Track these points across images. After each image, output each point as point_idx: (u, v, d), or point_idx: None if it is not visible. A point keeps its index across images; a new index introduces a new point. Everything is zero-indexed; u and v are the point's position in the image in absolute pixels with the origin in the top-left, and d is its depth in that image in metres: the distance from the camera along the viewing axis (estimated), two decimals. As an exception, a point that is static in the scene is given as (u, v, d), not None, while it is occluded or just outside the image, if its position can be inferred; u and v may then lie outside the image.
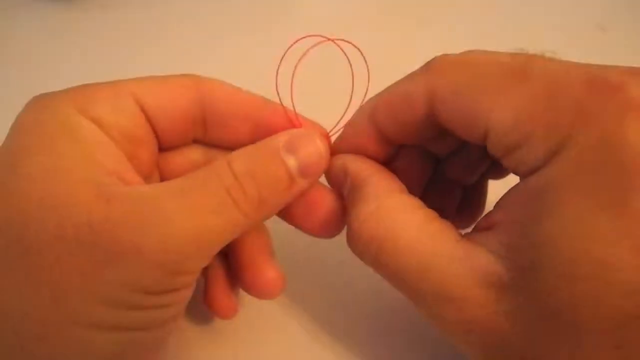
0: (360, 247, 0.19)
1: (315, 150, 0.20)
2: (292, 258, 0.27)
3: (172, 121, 0.21)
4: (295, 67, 0.20)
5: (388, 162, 0.22)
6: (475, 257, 0.17)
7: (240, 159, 0.19)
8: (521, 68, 0.18)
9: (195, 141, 0.23)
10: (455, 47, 0.42)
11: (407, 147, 0.22)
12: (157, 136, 0.21)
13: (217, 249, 0.19)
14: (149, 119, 0.21)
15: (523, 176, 0.18)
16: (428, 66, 0.19)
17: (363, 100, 0.21)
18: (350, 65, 0.21)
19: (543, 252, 0.16)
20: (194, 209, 0.17)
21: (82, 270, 0.16)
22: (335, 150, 0.22)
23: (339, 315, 0.26)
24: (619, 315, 0.15)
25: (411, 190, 0.21)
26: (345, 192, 0.21)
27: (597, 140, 0.15)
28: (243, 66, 0.35)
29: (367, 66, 0.21)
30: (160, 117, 0.21)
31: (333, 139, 0.22)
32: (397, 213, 0.19)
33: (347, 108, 0.22)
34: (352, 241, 0.20)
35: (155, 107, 0.21)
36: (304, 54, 0.20)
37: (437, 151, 0.23)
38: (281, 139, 0.20)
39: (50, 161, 0.17)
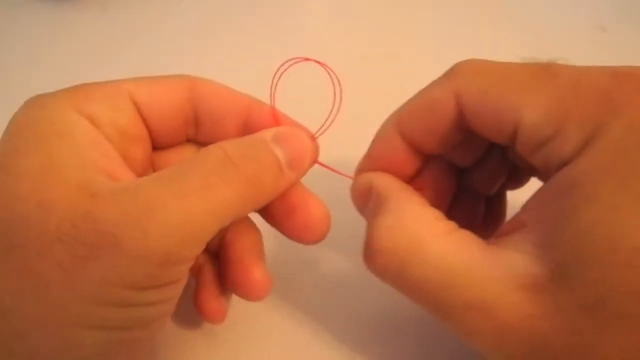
0: (381, 261, 0.19)
1: (301, 142, 0.20)
2: (285, 263, 0.27)
3: (165, 119, 0.21)
4: (276, 84, 0.21)
5: (416, 176, 0.22)
6: (505, 261, 0.17)
7: (231, 143, 0.19)
8: (544, 69, 0.18)
9: (189, 140, 0.23)
10: (456, 49, 0.42)
11: (433, 162, 0.22)
12: (151, 134, 0.21)
13: (207, 235, 0.18)
14: (143, 117, 0.21)
15: (555, 170, 0.17)
16: (452, 71, 0.20)
17: (332, 111, 0.22)
18: (332, 82, 0.22)
19: (583, 244, 0.15)
20: (178, 195, 0.17)
21: (63, 265, 0.16)
22: (363, 166, 0.22)
23: (331, 319, 0.26)
24: None
25: (439, 204, 0.21)
26: (368, 209, 0.21)
27: (628, 129, 0.16)
28: (240, 67, 0.35)
29: (340, 83, 0.21)
30: (154, 115, 0.21)
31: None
32: (419, 224, 0.19)
33: (328, 117, 0.22)
34: (371, 255, 0.19)
35: (149, 106, 0.21)
36: (283, 72, 0.21)
37: (461, 162, 0.23)
38: (268, 133, 0.20)
39: (40, 160, 0.17)
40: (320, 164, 0.22)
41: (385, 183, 0.21)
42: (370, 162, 0.22)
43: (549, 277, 0.16)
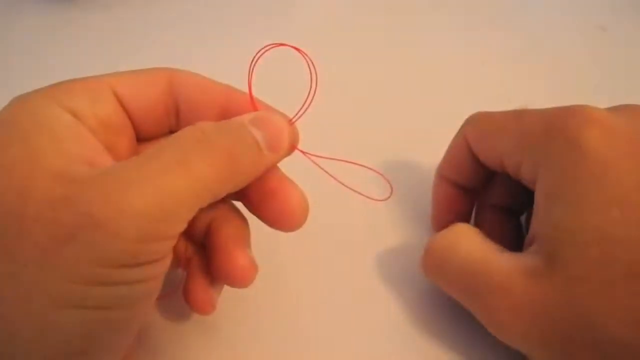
0: (426, 260, 0.25)
1: (279, 125, 0.21)
2: (278, 256, 0.27)
3: (147, 110, 0.22)
4: (253, 69, 0.22)
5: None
6: (517, 258, 0.22)
7: (208, 122, 0.19)
8: (516, 114, 0.24)
9: (172, 131, 0.23)
10: (451, 48, 0.42)
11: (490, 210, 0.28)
12: (134, 126, 0.22)
13: (186, 212, 0.18)
14: (125, 109, 0.21)
15: (534, 187, 0.23)
16: (465, 121, 0.27)
17: (308, 97, 0.22)
18: (309, 68, 0.22)
19: (558, 236, 0.21)
20: (154, 172, 0.17)
21: (41, 246, 0.16)
22: (433, 221, 0.29)
23: (329, 316, 0.26)
24: (631, 265, 0.20)
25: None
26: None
27: (564, 146, 0.22)
28: (241, 66, 0.35)
29: (316, 70, 0.22)
30: (136, 107, 0.21)
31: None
32: (455, 233, 0.24)
33: (304, 103, 0.22)
34: (422, 258, 0.25)
35: (130, 97, 0.21)
36: (259, 57, 0.21)
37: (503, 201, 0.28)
38: (246, 116, 0.20)
39: (21, 153, 0.17)
40: (301, 150, 0.23)
41: None
42: (434, 209, 0.29)
43: (544, 265, 0.21)
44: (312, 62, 0.21)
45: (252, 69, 0.21)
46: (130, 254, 0.17)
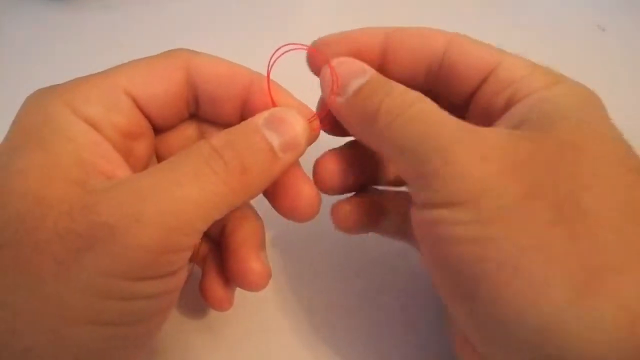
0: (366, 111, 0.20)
1: (295, 124, 0.20)
2: (288, 258, 0.27)
3: (164, 107, 0.21)
4: (272, 66, 0.21)
5: None
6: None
7: (219, 135, 0.19)
8: None
9: (191, 116, 0.23)
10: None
11: None
12: (151, 123, 0.21)
13: (203, 223, 0.18)
14: (142, 110, 0.21)
15: (515, 102, 0.21)
16: None
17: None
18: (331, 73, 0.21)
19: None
20: (170, 184, 0.17)
21: (58, 257, 0.16)
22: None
23: (337, 315, 0.26)
24: None
25: None
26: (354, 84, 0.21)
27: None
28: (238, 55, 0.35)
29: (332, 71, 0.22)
30: (153, 106, 0.21)
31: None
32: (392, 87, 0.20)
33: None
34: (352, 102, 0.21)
35: (146, 98, 0.21)
36: (279, 57, 0.21)
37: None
38: (262, 116, 0.20)
39: (39, 161, 0.17)
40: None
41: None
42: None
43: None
44: (332, 67, 0.21)
45: (271, 66, 0.21)
46: (147, 266, 0.17)
